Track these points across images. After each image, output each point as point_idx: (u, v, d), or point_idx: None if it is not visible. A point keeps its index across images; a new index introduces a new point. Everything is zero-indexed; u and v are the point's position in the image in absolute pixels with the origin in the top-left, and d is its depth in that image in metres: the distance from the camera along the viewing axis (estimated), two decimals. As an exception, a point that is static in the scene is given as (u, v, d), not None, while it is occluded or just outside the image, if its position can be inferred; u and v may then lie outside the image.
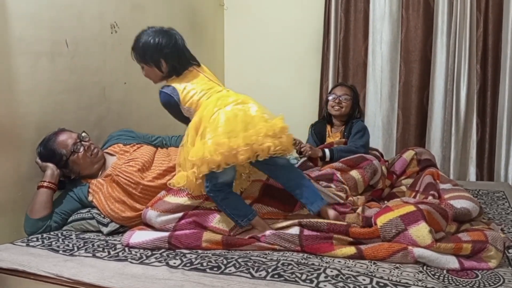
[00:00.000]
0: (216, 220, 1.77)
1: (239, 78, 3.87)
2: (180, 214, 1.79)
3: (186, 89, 1.86)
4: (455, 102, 3.15)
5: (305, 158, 2.42)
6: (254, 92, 3.79)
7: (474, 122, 3.15)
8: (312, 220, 1.70)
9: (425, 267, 1.50)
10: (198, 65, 2.01)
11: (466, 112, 3.15)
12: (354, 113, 2.63)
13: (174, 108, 1.89)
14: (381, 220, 1.64)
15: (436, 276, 1.43)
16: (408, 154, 2.48)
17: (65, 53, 2.19)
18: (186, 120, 1.90)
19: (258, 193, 1.86)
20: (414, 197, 2.09)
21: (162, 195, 1.87)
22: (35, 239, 1.80)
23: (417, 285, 1.36)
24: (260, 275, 1.43)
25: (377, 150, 2.64)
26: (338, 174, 2.13)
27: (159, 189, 1.94)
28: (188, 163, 1.72)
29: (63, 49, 2.18)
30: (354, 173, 2.16)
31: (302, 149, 2.38)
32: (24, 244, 1.75)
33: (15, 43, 1.94)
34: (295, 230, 1.69)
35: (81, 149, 1.98)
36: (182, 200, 1.82)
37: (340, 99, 2.58)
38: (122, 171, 1.95)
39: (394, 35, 3.30)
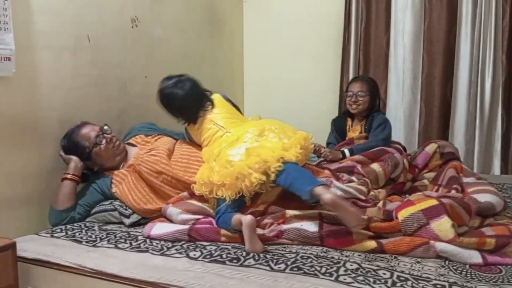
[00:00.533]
0: None
1: (258, 71, 3.86)
2: (200, 216, 1.83)
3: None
4: (479, 93, 3.07)
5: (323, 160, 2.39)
6: (273, 85, 3.83)
7: (499, 114, 3.07)
8: (332, 213, 1.69)
9: (447, 262, 1.47)
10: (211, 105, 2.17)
11: (490, 104, 3.07)
12: (374, 106, 2.59)
13: None
14: (402, 214, 1.62)
15: (459, 271, 1.40)
16: (431, 147, 2.43)
17: (87, 48, 2.22)
18: None
19: (275, 197, 1.86)
20: (437, 191, 2.05)
21: (185, 196, 1.91)
22: (59, 230, 1.84)
23: (439, 280, 1.34)
24: (279, 267, 1.44)
25: (399, 144, 2.60)
26: (359, 166, 2.11)
27: (179, 181, 1.97)
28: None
29: (85, 44, 2.21)
30: (375, 166, 2.12)
31: (322, 155, 2.32)
32: (48, 235, 1.79)
33: (38, 38, 1.98)
34: (314, 227, 1.67)
35: (104, 142, 2.02)
36: (206, 205, 1.88)
37: (357, 96, 2.53)
38: (145, 160, 1.99)
39: (416, 25, 3.23)
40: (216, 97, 2.21)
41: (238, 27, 3.83)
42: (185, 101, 2.10)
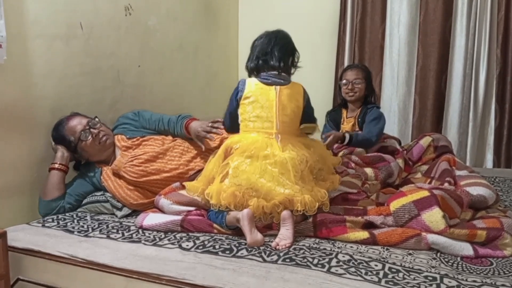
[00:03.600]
0: None
1: (253, 62, 3.83)
2: (192, 208, 1.81)
3: (249, 98, 1.82)
4: (473, 87, 3.08)
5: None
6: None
7: (492, 108, 3.08)
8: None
9: (438, 254, 1.48)
10: (283, 82, 1.86)
11: (484, 97, 3.08)
12: (370, 94, 2.59)
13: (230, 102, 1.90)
14: (394, 205, 1.63)
15: (450, 263, 1.41)
16: (425, 141, 2.44)
17: (80, 36, 2.20)
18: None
19: None
20: (430, 183, 2.06)
21: (176, 187, 1.89)
22: (50, 220, 1.83)
23: (430, 272, 1.35)
24: (271, 259, 1.44)
25: (395, 138, 2.61)
26: (353, 165, 2.13)
27: (169, 178, 1.94)
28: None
29: (78, 32, 2.18)
30: (368, 170, 2.12)
31: (327, 144, 2.21)
32: (40, 225, 1.78)
33: (30, 26, 1.95)
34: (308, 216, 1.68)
35: (89, 137, 1.97)
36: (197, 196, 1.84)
37: (353, 84, 2.53)
38: (127, 171, 1.91)
39: (412, 17, 3.22)
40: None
41: (233, 17, 3.80)
42: (268, 48, 1.88)
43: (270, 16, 3.73)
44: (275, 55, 1.86)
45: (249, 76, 1.93)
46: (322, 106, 3.46)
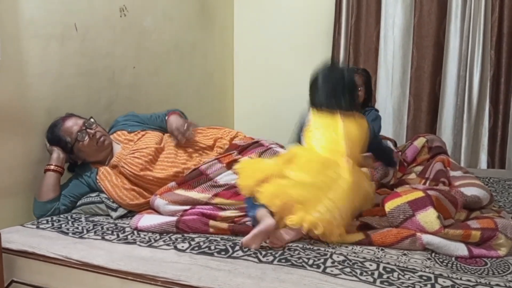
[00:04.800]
0: (223, 214, 1.77)
1: (248, 63, 3.85)
2: (187, 207, 1.81)
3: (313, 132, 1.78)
4: (467, 88, 3.10)
5: None
6: (263, 77, 3.82)
7: (486, 109, 3.10)
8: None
9: (433, 254, 1.49)
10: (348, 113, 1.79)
11: (478, 99, 3.10)
12: (369, 98, 2.59)
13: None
14: (388, 206, 1.63)
15: (444, 263, 1.42)
16: (419, 142, 2.44)
17: (75, 37, 2.19)
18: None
19: None
20: (424, 184, 2.06)
21: (172, 186, 1.88)
22: (45, 222, 1.82)
23: (425, 272, 1.35)
24: (267, 259, 1.44)
25: (390, 139, 2.62)
26: None
27: (166, 180, 1.94)
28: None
29: (73, 33, 2.18)
30: (365, 170, 2.12)
31: None
32: (34, 227, 1.77)
33: (25, 26, 1.94)
34: None
35: (86, 138, 1.96)
36: (192, 194, 1.83)
37: None
38: (127, 162, 1.93)
39: (406, 19, 3.24)
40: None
41: (228, 18, 3.80)
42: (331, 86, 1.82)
43: (265, 17, 3.74)
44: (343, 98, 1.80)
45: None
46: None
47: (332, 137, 1.72)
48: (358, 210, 1.66)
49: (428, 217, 1.53)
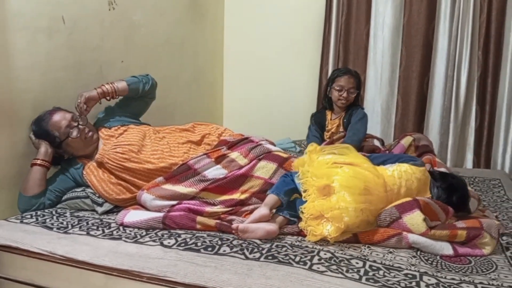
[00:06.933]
0: (209, 210, 1.77)
1: (238, 60, 3.84)
2: (175, 202, 1.80)
3: None
4: (455, 88, 3.13)
5: None
6: (253, 73, 3.81)
7: (473, 109, 3.13)
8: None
9: (418, 252, 1.50)
10: None
11: (465, 99, 3.13)
12: (357, 98, 2.61)
13: None
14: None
15: (430, 261, 1.43)
16: (406, 140, 2.47)
17: (63, 30, 2.16)
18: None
19: (258, 188, 1.87)
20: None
21: (160, 181, 1.86)
22: (29, 216, 1.80)
23: (410, 270, 1.36)
24: (254, 256, 1.44)
25: (378, 138, 2.64)
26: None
27: (153, 174, 1.92)
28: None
29: (60, 26, 2.14)
30: None
31: None
32: (18, 221, 1.74)
33: (12, 18, 1.90)
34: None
35: (75, 133, 1.94)
36: (179, 188, 1.82)
37: (348, 93, 2.52)
38: (111, 158, 1.91)
39: (396, 19, 3.25)
40: None
41: (219, 14, 3.78)
42: None
43: (256, 13, 3.73)
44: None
45: None
46: (306, 104, 3.50)
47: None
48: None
49: (415, 219, 1.54)
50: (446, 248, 1.50)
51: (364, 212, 1.56)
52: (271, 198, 1.69)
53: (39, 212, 1.85)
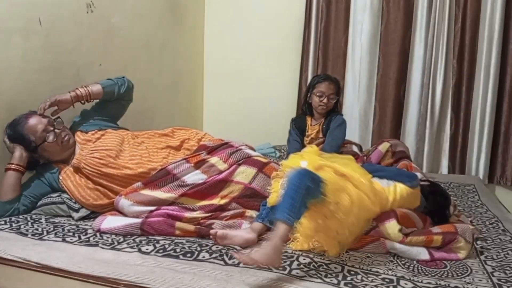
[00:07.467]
0: (189, 215, 1.75)
1: (218, 64, 3.83)
2: (153, 207, 1.78)
3: None
4: (430, 96, 3.19)
5: None
6: (233, 77, 3.81)
7: (448, 116, 3.20)
8: None
9: (396, 257, 1.52)
10: None
11: (441, 106, 3.20)
12: (336, 104, 2.64)
13: None
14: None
15: (406, 266, 1.46)
16: (384, 146, 2.50)
17: (40, 31, 2.12)
18: None
19: (238, 193, 1.87)
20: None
21: (138, 186, 1.84)
22: (2, 222, 1.75)
23: (387, 274, 1.38)
24: (233, 262, 1.43)
25: (356, 144, 2.67)
26: None
27: (131, 179, 1.90)
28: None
29: (37, 27, 2.11)
30: None
31: None
32: (-9, 227, 1.70)
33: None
34: None
35: (51, 138, 1.90)
36: (158, 193, 1.81)
37: (329, 99, 2.55)
38: (88, 163, 1.88)
39: (374, 27, 3.30)
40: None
41: (199, 17, 3.77)
42: None
43: (236, 18, 3.74)
44: None
45: None
46: (286, 109, 3.52)
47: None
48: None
49: (391, 228, 1.56)
50: (423, 253, 1.52)
51: (355, 232, 1.56)
52: (258, 225, 1.65)
53: (13, 218, 1.81)
